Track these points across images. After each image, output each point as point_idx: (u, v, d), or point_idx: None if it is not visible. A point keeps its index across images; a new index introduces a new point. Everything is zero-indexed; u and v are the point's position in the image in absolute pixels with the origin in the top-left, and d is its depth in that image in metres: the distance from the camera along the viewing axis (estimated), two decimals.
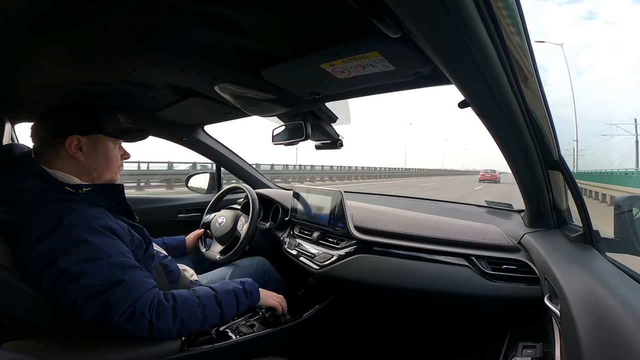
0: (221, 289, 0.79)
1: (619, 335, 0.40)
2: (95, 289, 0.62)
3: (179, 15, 0.53)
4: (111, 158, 0.80)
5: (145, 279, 0.68)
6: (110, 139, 0.79)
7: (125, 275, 0.65)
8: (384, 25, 0.45)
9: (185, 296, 0.72)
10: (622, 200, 0.75)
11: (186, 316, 0.69)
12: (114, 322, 0.62)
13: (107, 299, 0.62)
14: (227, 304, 0.76)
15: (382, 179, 26.05)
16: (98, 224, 0.68)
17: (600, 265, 0.61)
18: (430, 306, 1.05)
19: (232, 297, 0.78)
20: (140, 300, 0.64)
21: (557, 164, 0.71)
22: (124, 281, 0.64)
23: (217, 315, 0.74)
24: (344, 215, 1.06)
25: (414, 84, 0.72)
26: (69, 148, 0.73)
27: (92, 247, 0.64)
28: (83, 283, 0.62)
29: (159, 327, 0.65)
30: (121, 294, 0.63)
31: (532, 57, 0.53)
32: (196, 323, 0.71)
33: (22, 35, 0.58)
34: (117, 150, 0.82)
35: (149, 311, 0.65)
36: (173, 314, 0.67)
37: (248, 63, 0.70)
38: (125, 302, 0.63)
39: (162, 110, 1.12)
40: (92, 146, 0.76)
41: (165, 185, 10.89)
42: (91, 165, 0.76)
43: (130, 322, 0.63)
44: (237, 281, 0.84)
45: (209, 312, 0.73)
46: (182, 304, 0.70)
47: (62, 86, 0.84)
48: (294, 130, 1.03)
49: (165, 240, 1.20)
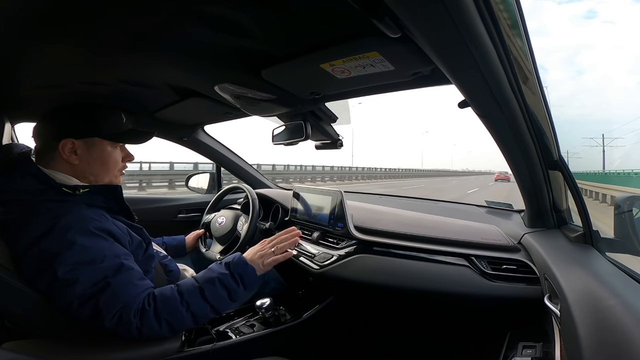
0: (204, 279, 0.71)
1: (618, 335, 0.40)
2: (87, 293, 0.62)
3: (179, 15, 0.53)
4: (108, 162, 0.77)
5: (137, 282, 0.67)
6: (108, 142, 0.77)
7: (115, 279, 0.64)
8: (384, 25, 0.45)
9: (166, 295, 0.67)
10: (622, 200, 0.74)
11: (170, 317, 0.66)
12: (105, 326, 0.62)
13: (97, 303, 0.62)
14: (215, 296, 0.70)
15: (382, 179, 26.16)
16: (94, 226, 0.67)
17: (600, 265, 0.61)
18: (430, 306, 1.05)
19: (218, 287, 0.70)
20: (127, 306, 0.63)
21: (557, 164, 0.71)
22: (112, 285, 0.63)
23: (207, 310, 0.69)
24: (344, 215, 1.06)
25: (414, 84, 0.72)
26: (63, 152, 0.72)
27: (86, 250, 0.64)
28: (76, 288, 0.61)
29: (146, 331, 0.64)
30: (109, 299, 0.62)
31: (532, 57, 0.53)
32: (185, 321, 0.67)
33: (22, 35, 0.58)
34: (116, 152, 0.79)
35: (134, 316, 0.63)
36: (155, 317, 0.65)
37: (248, 63, 0.70)
38: (113, 308, 0.62)
39: (162, 111, 1.12)
40: (87, 150, 0.74)
41: (167, 185, 10.94)
42: (87, 169, 0.75)
43: (120, 327, 0.62)
44: (223, 265, 0.75)
45: (195, 309, 0.68)
46: (163, 305, 0.66)
47: (62, 86, 0.84)
48: (294, 130, 1.03)
49: (165, 240, 1.20)
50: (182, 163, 13.03)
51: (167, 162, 12.72)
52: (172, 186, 10.73)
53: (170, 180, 11.13)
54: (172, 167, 12.64)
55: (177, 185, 10.49)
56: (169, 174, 11.65)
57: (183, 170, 12.19)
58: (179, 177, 10.58)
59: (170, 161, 12.73)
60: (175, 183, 10.83)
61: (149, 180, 11.09)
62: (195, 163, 10.19)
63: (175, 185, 10.75)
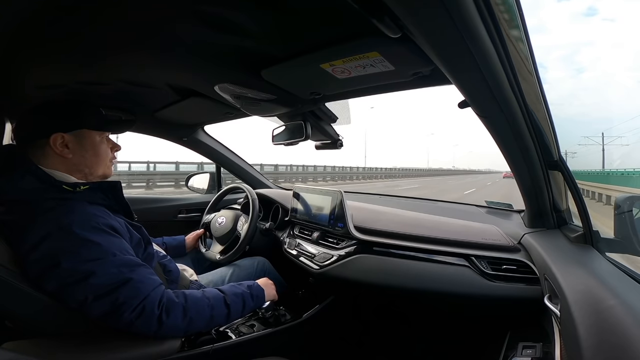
0: (230, 291, 0.80)
1: (619, 335, 0.40)
2: (104, 288, 0.63)
3: (179, 15, 0.53)
4: (100, 152, 0.78)
5: (151, 277, 0.69)
6: (96, 132, 0.78)
7: (132, 273, 0.66)
8: (384, 25, 0.45)
9: (196, 296, 0.73)
10: (622, 200, 0.74)
11: (195, 315, 0.70)
12: (124, 319, 0.63)
13: (117, 297, 0.63)
14: (234, 305, 0.78)
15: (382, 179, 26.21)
16: (100, 222, 0.68)
17: (600, 266, 0.61)
18: (430, 306, 1.05)
19: (239, 299, 0.80)
20: (149, 298, 0.65)
21: (557, 164, 0.71)
22: (132, 279, 0.65)
23: (223, 316, 0.76)
24: (344, 215, 1.06)
25: (414, 84, 0.72)
26: (55, 146, 0.72)
27: (97, 246, 0.64)
28: (92, 282, 0.62)
29: (168, 323, 0.66)
30: (130, 291, 0.64)
31: (532, 57, 0.53)
32: (203, 323, 0.72)
33: (22, 35, 0.58)
34: (104, 143, 0.80)
35: (158, 308, 0.66)
36: (183, 311, 0.68)
37: (248, 63, 0.70)
38: (135, 300, 0.64)
39: (162, 110, 1.12)
40: (79, 142, 0.75)
41: (173, 184, 11.10)
42: (81, 162, 0.75)
43: (140, 319, 0.64)
44: (245, 285, 0.85)
45: (216, 313, 0.74)
46: (193, 303, 0.71)
47: (62, 86, 0.84)
48: (294, 130, 1.03)
49: (165, 240, 1.20)
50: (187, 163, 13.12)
51: (173, 162, 12.83)
52: (178, 186, 10.89)
53: (175, 180, 11.30)
54: (178, 167, 12.72)
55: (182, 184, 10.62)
56: (175, 174, 11.79)
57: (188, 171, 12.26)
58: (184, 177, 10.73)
59: (177, 161, 12.83)
60: (180, 183, 11.01)
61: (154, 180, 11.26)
62: (199, 163, 10.27)
63: (180, 185, 10.94)
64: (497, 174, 24.29)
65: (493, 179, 29.18)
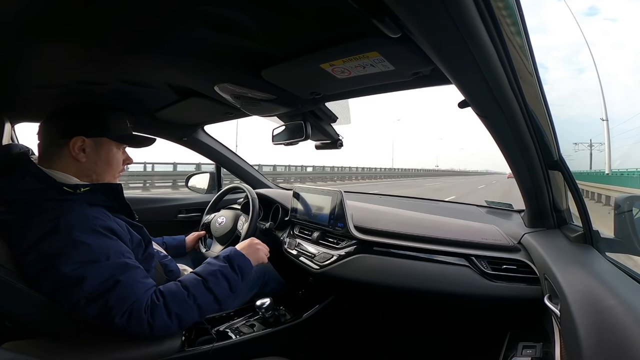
0: (205, 272, 0.75)
1: (619, 335, 0.40)
2: (96, 291, 0.62)
3: (179, 15, 0.53)
4: (113, 162, 0.80)
5: (143, 280, 0.68)
6: (115, 143, 0.79)
7: (123, 276, 0.65)
8: (384, 25, 0.45)
9: (173, 290, 0.70)
10: (622, 200, 0.74)
11: (180, 310, 0.68)
12: (116, 323, 0.62)
13: (107, 301, 0.62)
14: (218, 287, 0.74)
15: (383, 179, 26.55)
16: (97, 225, 0.67)
17: (600, 265, 0.61)
18: (430, 306, 1.05)
19: (220, 278, 0.75)
20: (137, 302, 0.64)
21: (557, 164, 0.71)
22: (122, 282, 0.64)
23: (211, 302, 0.72)
24: (344, 215, 1.06)
25: (414, 84, 0.72)
26: (72, 149, 0.73)
27: (91, 248, 0.64)
28: (84, 286, 0.62)
29: (157, 326, 0.65)
30: (120, 295, 0.63)
31: (532, 57, 0.53)
32: (193, 314, 0.70)
33: (23, 35, 0.58)
34: (120, 154, 0.82)
35: (145, 312, 0.64)
36: (166, 311, 0.67)
37: (248, 63, 0.70)
38: (124, 303, 0.63)
39: (162, 110, 1.12)
40: (96, 148, 0.76)
41: (171, 185, 11.06)
42: (92, 168, 0.76)
43: (131, 324, 0.63)
44: (221, 258, 0.80)
45: (202, 301, 0.71)
46: (172, 299, 0.68)
47: (62, 86, 0.84)
48: (294, 130, 1.03)
49: (165, 240, 1.20)
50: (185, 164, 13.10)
51: (171, 162, 12.81)
52: (175, 186, 10.85)
53: (173, 180, 11.27)
54: (176, 167, 12.70)
55: (180, 185, 10.59)
56: (172, 175, 11.77)
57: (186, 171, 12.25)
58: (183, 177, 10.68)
59: (174, 162, 12.80)
60: (178, 183, 10.96)
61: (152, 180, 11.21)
62: (197, 164, 10.29)
63: (178, 185, 10.88)
64: (501, 175, 25.15)
65: (498, 179, 31.52)
